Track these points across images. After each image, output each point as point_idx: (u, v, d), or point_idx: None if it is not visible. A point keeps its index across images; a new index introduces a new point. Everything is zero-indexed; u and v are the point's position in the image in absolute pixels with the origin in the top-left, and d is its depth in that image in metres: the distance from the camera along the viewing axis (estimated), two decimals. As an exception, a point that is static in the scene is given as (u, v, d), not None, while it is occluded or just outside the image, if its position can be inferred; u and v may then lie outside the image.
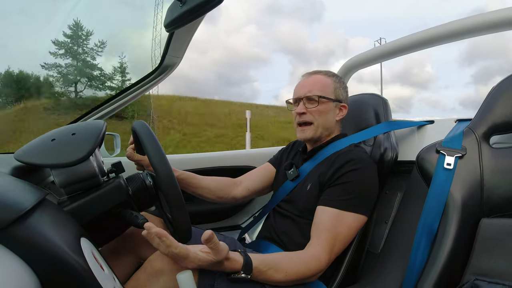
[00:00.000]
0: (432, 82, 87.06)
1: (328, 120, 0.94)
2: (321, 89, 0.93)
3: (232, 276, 0.65)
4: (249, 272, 0.65)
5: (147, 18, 25.80)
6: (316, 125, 0.93)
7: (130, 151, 0.90)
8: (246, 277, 0.65)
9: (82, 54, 22.16)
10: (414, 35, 1.04)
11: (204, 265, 0.61)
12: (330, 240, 0.76)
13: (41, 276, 0.37)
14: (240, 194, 1.05)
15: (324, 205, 0.80)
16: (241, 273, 0.65)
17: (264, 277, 0.68)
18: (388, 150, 0.97)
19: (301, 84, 0.97)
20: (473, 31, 0.91)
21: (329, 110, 0.94)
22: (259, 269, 0.66)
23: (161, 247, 0.59)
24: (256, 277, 0.67)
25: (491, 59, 44.39)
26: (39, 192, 0.50)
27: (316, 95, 0.92)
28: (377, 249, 0.92)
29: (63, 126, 0.71)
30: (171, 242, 0.58)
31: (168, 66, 1.04)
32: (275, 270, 0.69)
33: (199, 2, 0.54)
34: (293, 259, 0.73)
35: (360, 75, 63.42)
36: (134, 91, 1.11)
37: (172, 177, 0.64)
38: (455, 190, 0.69)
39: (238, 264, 0.65)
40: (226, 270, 0.64)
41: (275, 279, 0.69)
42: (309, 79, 0.96)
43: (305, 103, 0.93)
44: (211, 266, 0.62)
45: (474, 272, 0.62)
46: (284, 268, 0.70)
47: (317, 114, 0.93)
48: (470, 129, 0.74)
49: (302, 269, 0.72)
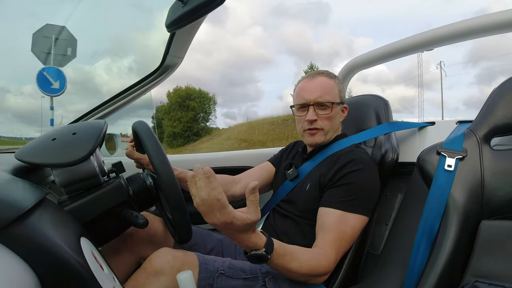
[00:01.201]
0: (437, 82, 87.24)
1: (336, 124, 0.94)
2: (330, 94, 0.90)
3: (253, 252, 0.61)
4: (270, 250, 0.62)
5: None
6: (326, 130, 0.91)
7: (130, 149, 0.90)
8: (266, 256, 0.62)
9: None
10: (415, 36, 1.04)
11: (236, 225, 0.57)
12: (336, 240, 0.76)
13: (41, 275, 0.37)
14: (239, 192, 1.05)
15: (327, 207, 0.80)
16: (263, 250, 0.61)
17: (280, 262, 0.65)
18: (389, 151, 0.97)
19: (307, 87, 0.92)
20: (474, 33, 0.91)
21: (336, 114, 0.93)
22: (278, 251, 0.64)
23: (202, 190, 0.55)
24: (273, 260, 0.64)
25: (495, 60, 44.32)
26: (40, 192, 0.50)
27: (328, 101, 0.89)
28: (377, 250, 0.91)
29: (64, 126, 0.71)
30: (217, 186, 0.54)
31: (169, 66, 1.04)
32: (291, 258, 0.67)
33: (200, 3, 0.54)
34: (307, 252, 0.72)
35: (364, 75, 63.21)
36: (135, 91, 1.11)
37: (172, 177, 0.64)
38: (456, 192, 0.68)
39: (262, 240, 0.61)
40: (249, 242, 0.60)
41: (289, 266, 0.67)
42: (315, 82, 0.92)
43: (315, 109, 0.90)
44: (240, 229, 0.58)
45: (474, 274, 0.61)
46: (300, 258, 0.68)
47: (327, 120, 0.90)
48: (471, 131, 0.74)
49: (314, 263, 0.70)
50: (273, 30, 73.16)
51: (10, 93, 18.27)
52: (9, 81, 16.18)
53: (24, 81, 13.40)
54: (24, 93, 16.88)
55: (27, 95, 16.82)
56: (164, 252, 0.70)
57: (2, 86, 15.59)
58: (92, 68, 3.91)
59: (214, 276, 0.70)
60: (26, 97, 20.23)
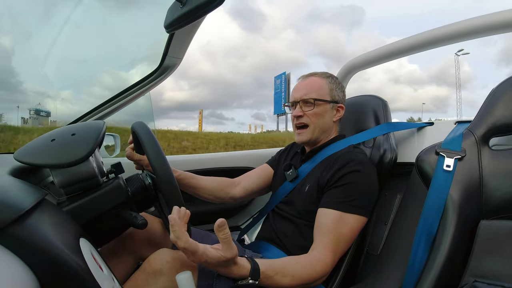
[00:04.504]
0: (470, 82, 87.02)
1: (325, 122, 0.95)
2: (317, 92, 0.93)
3: (240, 283, 0.62)
4: (256, 278, 0.63)
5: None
6: (312, 127, 0.94)
7: (130, 151, 0.90)
8: (253, 283, 0.62)
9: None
10: (414, 37, 1.04)
11: (212, 264, 0.58)
12: (334, 242, 0.76)
13: (40, 276, 0.37)
14: (238, 194, 1.05)
15: (326, 207, 0.80)
16: (249, 280, 0.62)
17: (271, 282, 0.66)
18: (388, 152, 0.97)
19: (297, 87, 0.97)
20: (474, 33, 0.91)
21: (326, 112, 0.94)
22: (266, 274, 0.65)
23: (172, 236, 0.56)
24: (263, 283, 0.65)
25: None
26: (39, 193, 0.50)
27: (311, 98, 0.92)
28: (376, 250, 0.92)
29: (63, 127, 0.71)
30: (181, 235, 0.55)
31: (168, 67, 1.04)
32: (282, 275, 0.67)
33: (199, 3, 0.54)
34: (299, 263, 0.72)
35: (396, 75, 63.15)
36: (134, 92, 1.11)
37: (171, 179, 0.64)
38: (455, 192, 0.69)
39: (246, 270, 0.62)
40: (232, 275, 0.61)
41: (282, 283, 0.67)
42: (305, 82, 0.97)
43: (301, 106, 0.94)
44: (218, 266, 0.59)
45: (473, 274, 0.61)
46: (291, 272, 0.69)
47: (313, 116, 0.93)
48: (470, 131, 0.74)
49: (308, 272, 0.71)
50: (306, 34, 73.69)
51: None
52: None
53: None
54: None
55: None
56: (163, 253, 0.70)
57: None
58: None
59: (213, 277, 0.70)
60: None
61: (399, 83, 54.97)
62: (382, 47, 1.15)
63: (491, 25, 0.86)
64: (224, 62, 19.64)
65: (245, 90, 58.71)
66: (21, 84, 15.67)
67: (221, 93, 44.13)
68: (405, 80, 56.82)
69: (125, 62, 1.43)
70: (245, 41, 67.42)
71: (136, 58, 1.39)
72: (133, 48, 1.40)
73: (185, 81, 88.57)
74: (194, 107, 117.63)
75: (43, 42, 1.63)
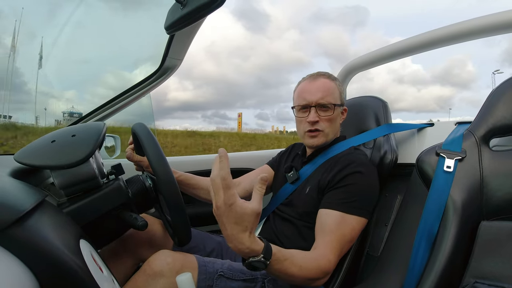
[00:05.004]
0: (474, 82, 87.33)
1: (337, 126, 0.94)
2: (332, 95, 0.91)
3: (251, 260, 0.57)
4: (268, 257, 0.58)
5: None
6: (326, 132, 0.91)
7: (130, 152, 0.90)
8: (265, 262, 0.58)
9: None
10: (414, 38, 1.04)
11: (235, 211, 0.54)
12: (336, 242, 0.75)
13: (40, 277, 0.37)
14: (239, 194, 1.05)
15: (327, 208, 0.80)
16: (261, 257, 0.58)
17: (280, 267, 0.62)
18: (388, 153, 0.97)
19: (308, 88, 0.92)
20: (474, 34, 0.91)
21: (337, 116, 0.93)
22: (277, 256, 0.61)
23: (213, 169, 0.54)
24: (272, 266, 0.60)
25: (532, 58, 44.55)
26: (39, 194, 0.50)
27: (330, 103, 0.89)
28: (376, 252, 0.91)
29: (63, 128, 0.71)
30: (226, 167, 0.54)
31: (168, 68, 1.04)
32: (291, 262, 0.64)
33: (199, 5, 0.55)
34: (307, 255, 0.70)
35: (400, 76, 63.29)
36: (134, 93, 1.11)
37: (172, 180, 0.64)
38: (455, 193, 0.68)
39: (259, 246, 0.57)
40: (245, 247, 0.55)
41: (290, 271, 0.64)
42: (317, 84, 0.92)
43: (317, 111, 0.90)
44: (237, 221, 0.54)
45: (474, 275, 0.61)
46: (299, 262, 0.66)
47: (328, 121, 0.91)
48: (470, 132, 0.74)
49: (314, 266, 0.69)
50: (310, 34, 73.89)
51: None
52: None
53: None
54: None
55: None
56: (164, 254, 0.70)
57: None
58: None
59: (213, 278, 0.70)
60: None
61: (403, 83, 55.15)
62: (382, 48, 1.16)
63: (495, 25, 0.86)
64: (228, 63, 19.99)
65: (248, 90, 58.92)
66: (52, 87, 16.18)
67: (225, 93, 44.46)
68: (409, 80, 57.03)
69: (139, 61, 1.43)
70: (249, 41, 67.65)
71: (141, 58, 1.40)
72: (144, 49, 1.40)
73: (189, 81, 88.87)
74: (197, 107, 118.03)
75: (64, 47, 1.65)
